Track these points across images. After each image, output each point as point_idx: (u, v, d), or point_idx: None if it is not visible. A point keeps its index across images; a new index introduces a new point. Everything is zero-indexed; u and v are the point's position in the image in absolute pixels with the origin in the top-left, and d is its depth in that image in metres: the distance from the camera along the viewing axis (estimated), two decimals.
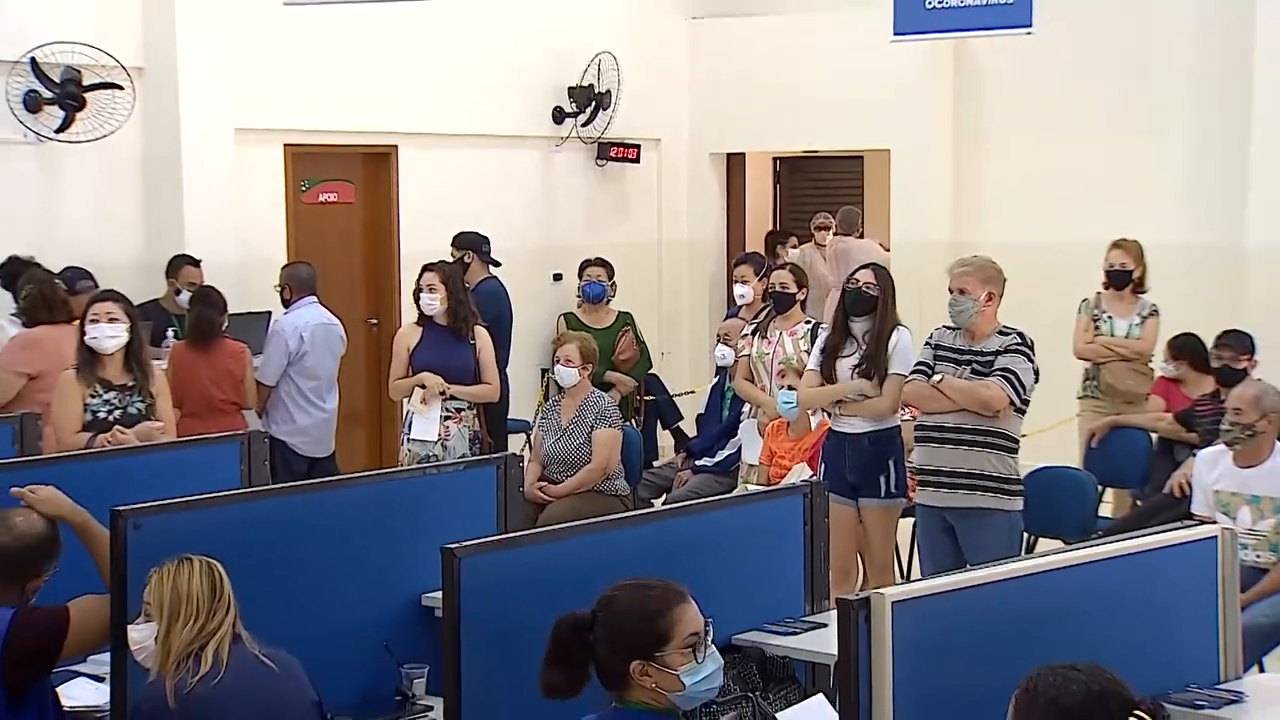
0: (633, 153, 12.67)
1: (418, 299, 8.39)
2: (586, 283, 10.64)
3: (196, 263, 9.41)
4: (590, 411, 8.15)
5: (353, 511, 5.02)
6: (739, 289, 9.10)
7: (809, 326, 8.00)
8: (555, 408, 8.33)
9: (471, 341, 8.37)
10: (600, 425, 8.12)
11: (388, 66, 10.96)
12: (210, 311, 8.51)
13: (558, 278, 12.00)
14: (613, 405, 8.45)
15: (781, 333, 8.03)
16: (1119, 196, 11.28)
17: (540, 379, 11.32)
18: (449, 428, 8.26)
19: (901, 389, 6.92)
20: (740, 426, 8.39)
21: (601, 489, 8.14)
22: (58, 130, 9.33)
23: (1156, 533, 4.48)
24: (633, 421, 9.85)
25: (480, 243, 9.92)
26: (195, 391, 8.35)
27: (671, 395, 10.91)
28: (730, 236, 13.64)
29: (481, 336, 8.43)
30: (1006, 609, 3.89)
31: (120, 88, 9.43)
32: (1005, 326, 6.75)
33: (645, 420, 10.42)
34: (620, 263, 10.98)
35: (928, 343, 6.89)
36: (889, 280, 7.18)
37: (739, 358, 8.31)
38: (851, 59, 12.11)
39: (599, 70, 12.17)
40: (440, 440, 8.21)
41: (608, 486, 8.17)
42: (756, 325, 8.26)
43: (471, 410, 8.36)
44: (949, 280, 6.79)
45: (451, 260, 9.44)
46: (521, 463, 5.76)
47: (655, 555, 4.52)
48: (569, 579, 4.26)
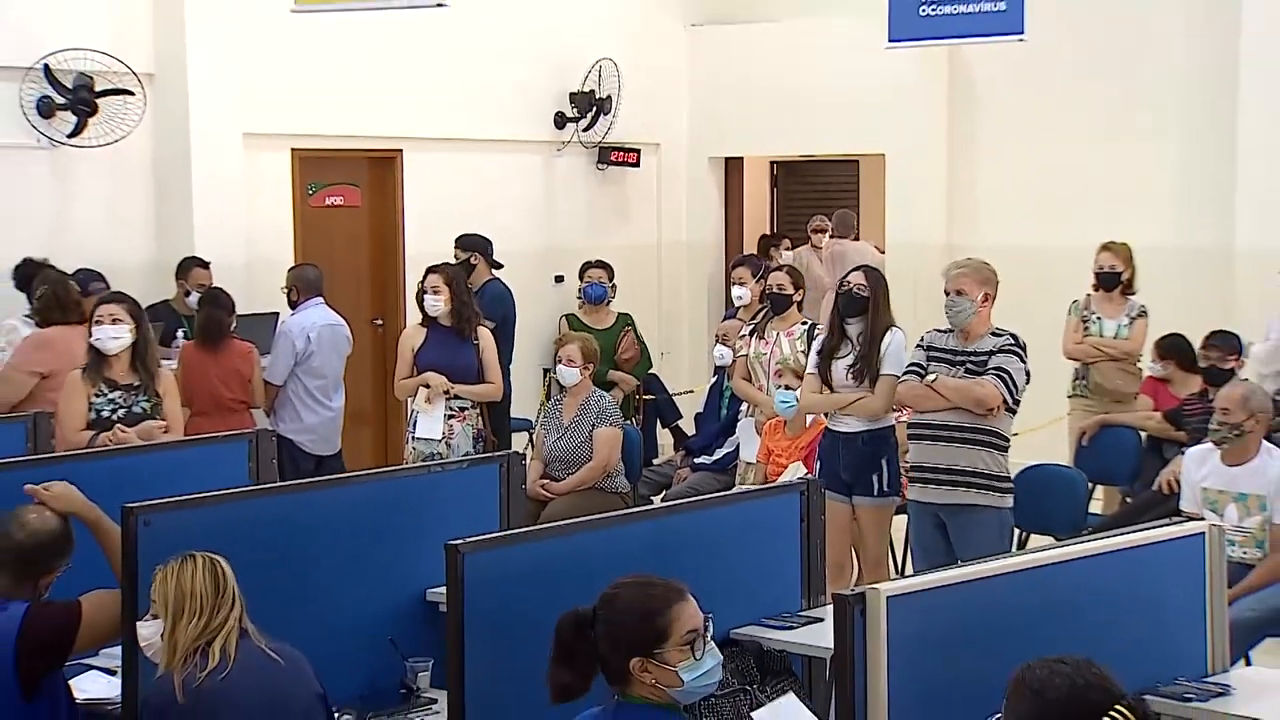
0: (633, 157, 12.67)
1: (422, 300, 8.40)
2: (588, 284, 10.63)
3: (206, 265, 9.42)
4: (591, 410, 8.15)
5: (359, 508, 5.02)
6: (737, 290, 9.10)
7: (805, 327, 8.00)
8: (557, 407, 8.33)
9: (475, 342, 8.37)
10: (601, 424, 8.12)
11: (393, 72, 10.96)
12: (219, 312, 8.51)
13: (559, 279, 12.00)
14: (613, 404, 8.45)
15: (778, 333, 8.03)
16: (1110, 199, 11.28)
17: (542, 379, 11.31)
18: (453, 426, 8.27)
19: (894, 389, 6.92)
20: (738, 425, 8.40)
21: (602, 486, 8.14)
22: (70, 135, 9.34)
23: (1146, 529, 4.48)
24: (633, 420, 9.84)
25: (485, 245, 9.93)
26: (204, 391, 8.36)
27: (671, 394, 10.91)
28: (728, 239, 13.64)
29: (484, 337, 8.44)
30: (1000, 604, 3.89)
31: (131, 93, 9.44)
32: (998, 328, 6.75)
33: (645, 419, 10.42)
34: (620, 264, 10.99)
35: (919, 345, 6.87)
36: (880, 281, 7.17)
37: (737, 358, 8.31)
38: (847, 65, 12.11)
39: (600, 76, 12.17)
40: (444, 439, 8.22)
41: (608, 484, 8.18)
42: (754, 326, 8.26)
43: (475, 409, 8.37)
44: (945, 282, 6.79)
45: (456, 261, 9.43)
46: (524, 461, 5.76)
47: (655, 551, 4.53)
48: (570, 574, 4.27)
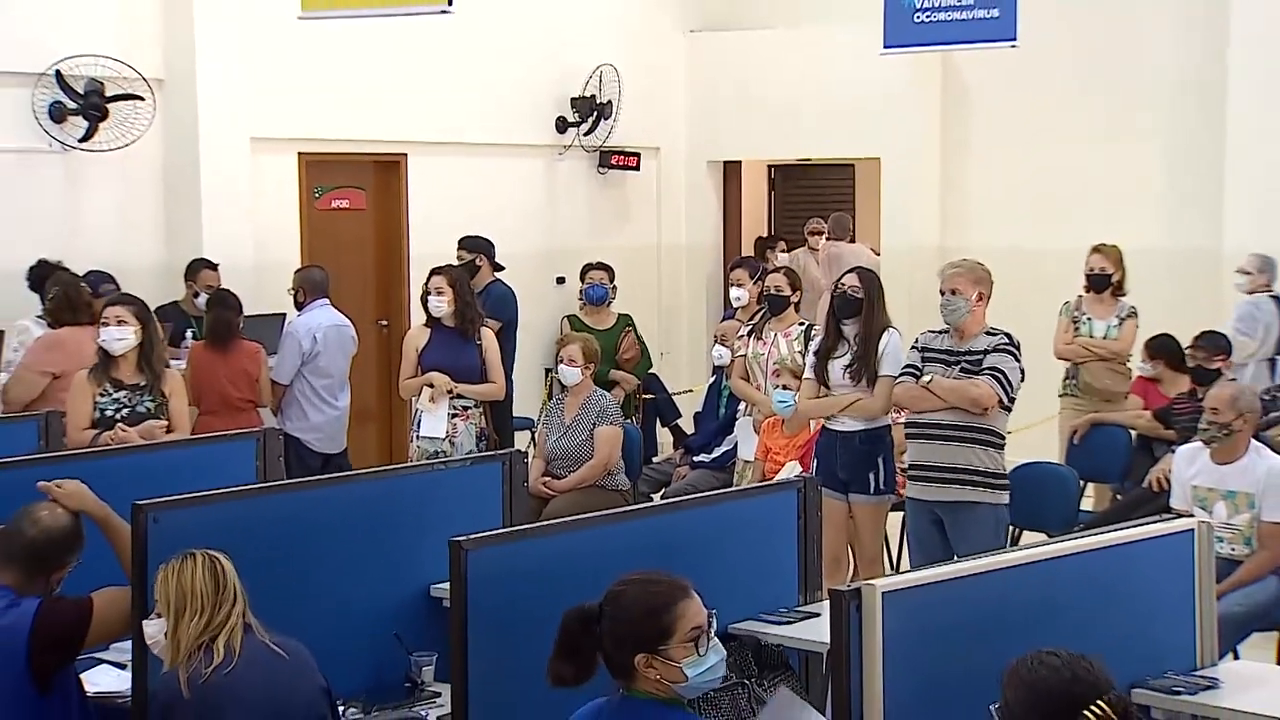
0: (633, 161, 12.66)
1: (426, 301, 8.39)
2: (589, 286, 10.63)
3: (214, 266, 9.42)
4: (592, 409, 8.14)
5: (364, 506, 5.02)
6: (735, 292, 9.09)
7: (802, 328, 7.98)
8: (559, 406, 8.33)
9: (478, 342, 8.37)
10: (602, 423, 8.11)
11: (398, 78, 10.96)
12: (228, 314, 8.50)
13: (561, 281, 11.99)
14: (614, 403, 8.45)
15: (776, 334, 8.02)
16: (1100, 202, 11.28)
17: (544, 378, 11.31)
18: (456, 425, 8.26)
19: (892, 389, 6.91)
20: (736, 424, 8.38)
21: (603, 484, 8.13)
22: (81, 140, 9.34)
23: (1136, 526, 4.48)
24: (633, 419, 9.84)
25: (488, 247, 9.92)
26: (213, 390, 8.35)
27: (670, 394, 10.90)
28: (727, 241, 13.63)
29: (487, 337, 8.44)
30: (993, 599, 3.89)
31: (141, 99, 9.44)
32: (993, 327, 6.74)
33: (645, 418, 10.41)
34: (621, 266, 10.98)
35: (914, 346, 6.85)
36: (875, 282, 7.15)
37: (735, 358, 8.29)
38: (843, 71, 12.12)
39: (600, 82, 12.17)
40: (448, 437, 8.21)
41: (609, 482, 8.17)
42: (752, 327, 8.25)
43: (478, 408, 8.36)
44: (940, 282, 6.78)
45: (460, 263, 9.43)
46: (526, 459, 5.77)
47: (654, 548, 4.52)
48: (572, 570, 4.27)
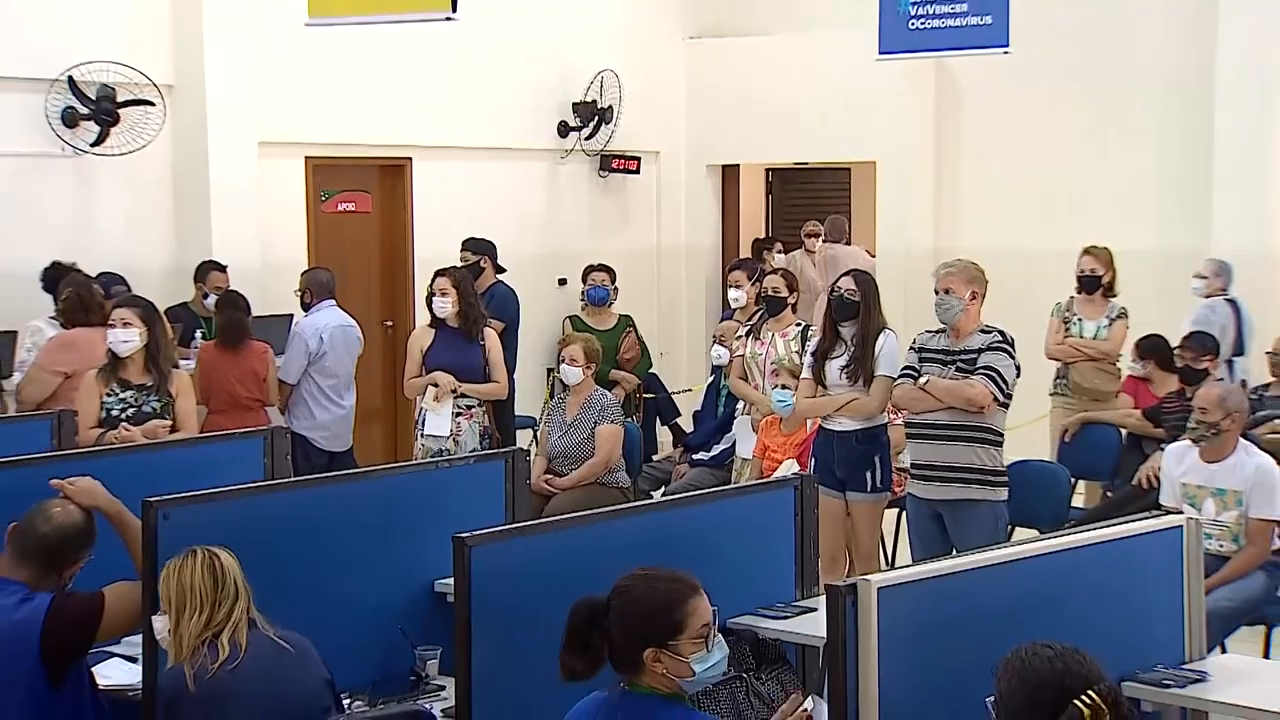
0: (633, 164, 12.67)
1: (430, 302, 8.39)
2: (590, 287, 10.62)
3: (223, 268, 9.42)
4: (593, 408, 8.14)
5: (370, 503, 5.02)
6: (733, 293, 9.08)
7: (799, 329, 7.99)
8: (560, 405, 8.33)
9: (481, 342, 8.37)
10: (603, 421, 8.11)
11: (403, 83, 10.96)
12: (241, 315, 8.51)
13: (562, 282, 11.99)
14: (615, 402, 8.44)
15: (774, 334, 8.02)
16: (1091, 205, 11.27)
17: (546, 378, 11.31)
18: (460, 424, 8.26)
19: (888, 389, 6.91)
20: (735, 423, 8.38)
21: (604, 481, 8.13)
22: (93, 144, 9.34)
23: (1126, 522, 4.48)
24: (633, 418, 9.83)
25: (491, 248, 9.92)
26: (222, 389, 8.36)
27: (670, 393, 10.89)
28: (725, 243, 13.63)
29: (490, 337, 8.44)
30: (985, 594, 3.89)
31: (151, 104, 9.44)
32: (987, 325, 6.73)
33: (645, 416, 10.41)
34: (621, 268, 10.98)
35: (911, 347, 6.85)
36: (870, 284, 7.15)
37: (734, 358, 8.29)
38: (839, 77, 12.12)
39: (601, 87, 12.17)
40: (452, 435, 8.22)
41: (609, 479, 8.17)
42: (750, 327, 8.25)
43: (481, 407, 8.36)
44: (935, 281, 6.78)
45: (464, 264, 9.43)
46: (528, 457, 5.76)
47: (654, 544, 4.52)
48: (573, 566, 4.28)
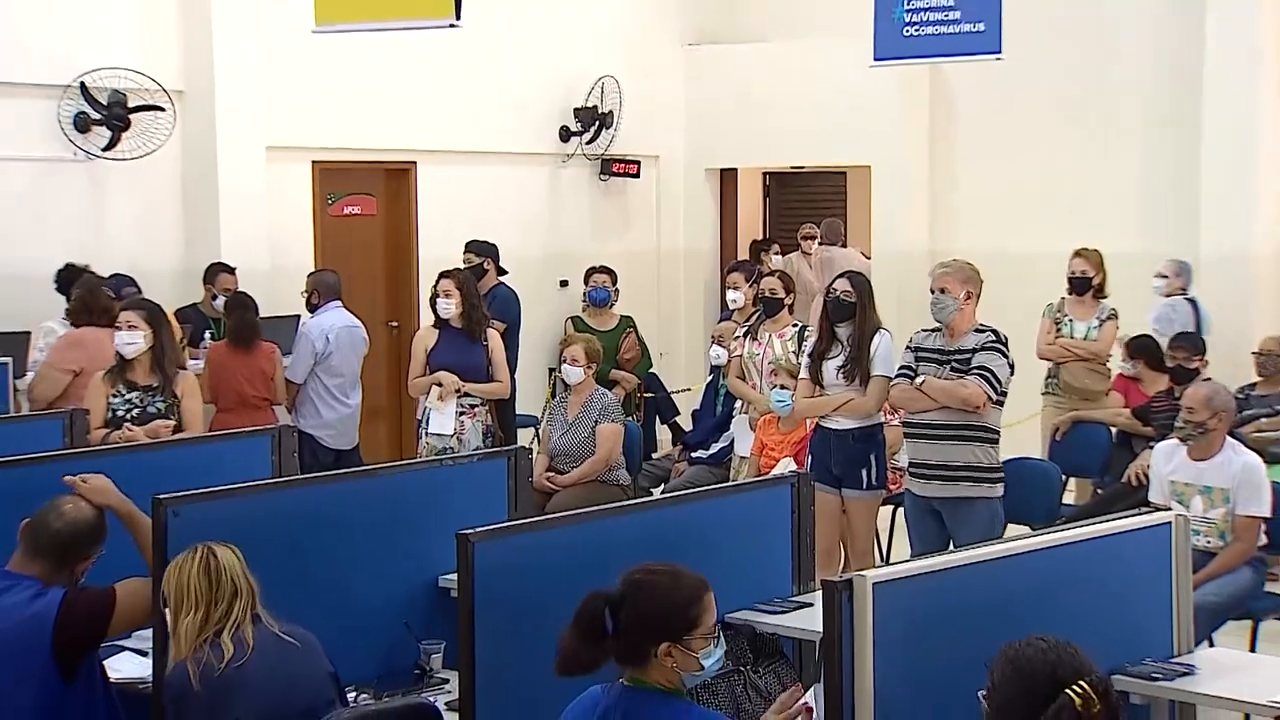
0: (633, 168, 12.66)
1: (434, 304, 8.40)
2: (592, 288, 10.62)
3: (231, 270, 9.43)
4: (594, 407, 8.14)
5: (375, 500, 5.02)
6: (731, 294, 9.08)
7: (796, 329, 7.99)
8: (562, 404, 8.32)
9: (484, 343, 8.37)
10: (603, 420, 8.11)
11: (407, 89, 10.97)
12: (251, 316, 8.52)
13: (564, 284, 11.99)
14: (615, 401, 8.44)
15: (771, 334, 8.02)
16: (1082, 208, 11.28)
17: (548, 377, 11.31)
18: (464, 422, 8.26)
19: (884, 389, 6.90)
20: (733, 421, 8.38)
21: (604, 479, 8.13)
22: (105, 149, 9.35)
23: (1116, 519, 4.48)
24: (633, 417, 9.83)
25: (494, 251, 9.93)
26: (231, 389, 8.37)
27: (669, 392, 10.89)
28: (723, 246, 13.63)
29: (493, 338, 8.44)
30: (978, 590, 3.89)
31: (162, 109, 9.45)
32: (981, 325, 6.72)
33: (645, 415, 10.40)
34: (621, 270, 10.97)
35: (908, 346, 6.83)
36: (865, 286, 7.14)
37: (732, 358, 8.29)
38: (834, 82, 12.11)
39: (602, 93, 12.17)
40: (456, 434, 8.22)
41: (610, 477, 8.16)
42: (748, 328, 8.25)
43: (484, 406, 8.37)
44: (931, 281, 6.77)
45: (468, 266, 9.43)
46: (531, 455, 5.76)
47: (654, 541, 4.52)
48: (574, 562, 4.28)
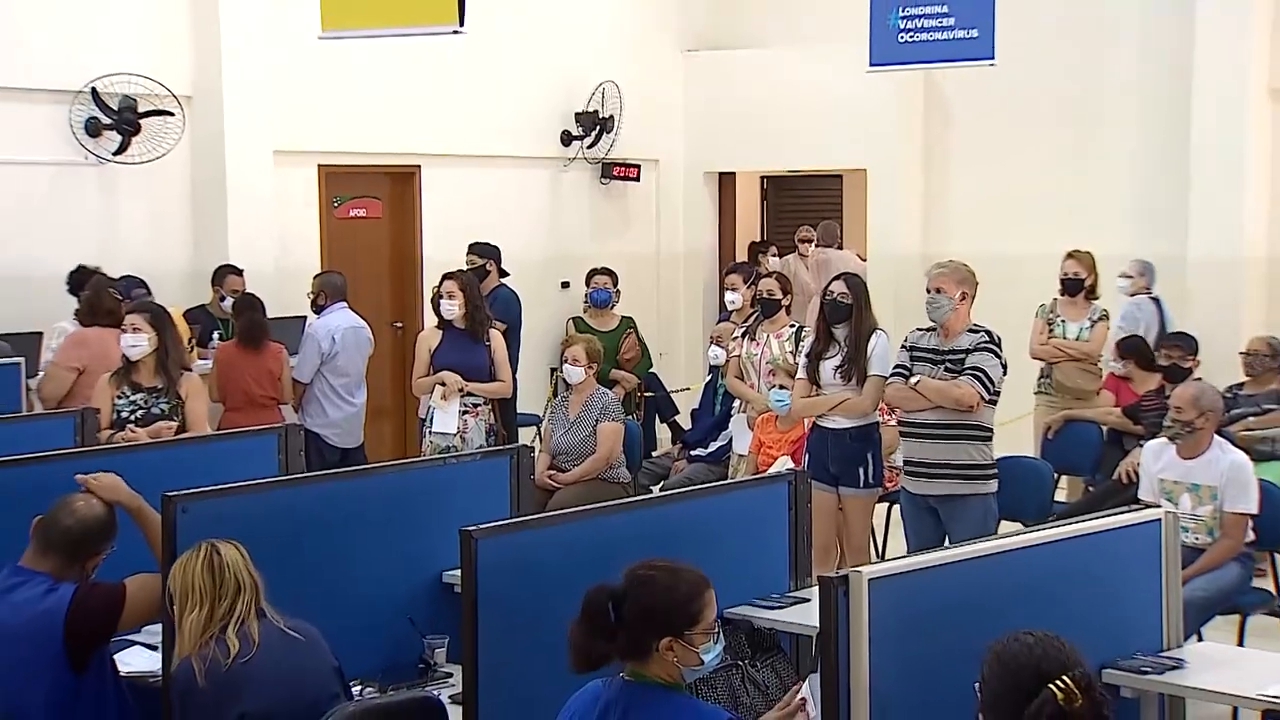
0: (633, 172, 12.66)
1: (438, 305, 8.40)
2: (594, 290, 10.61)
3: (239, 272, 9.43)
4: (595, 406, 8.14)
5: (380, 497, 5.02)
6: (730, 295, 9.08)
7: (793, 330, 8.00)
8: (563, 403, 8.33)
9: (487, 343, 8.37)
10: (604, 419, 8.11)
11: (412, 94, 10.97)
12: (260, 317, 8.52)
13: (565, 285, 11.99)
14: (616, 401, 8.44)
15: (769, 335, 8.03)
16: (1073, 211, 11.28)
17: (549, 377, 11.31)
18: (467, 421, 8.27)
19: (880, 389, 6.90)
20: (731, 420, 8.38)
21: (605, 477, 8.13)
22: (115, 153, 9.36)
23: (1106, 516, 4.49)
24: (633, 416, 9.83)
25: (496, 253, 9.93)
26: (238, 388, 8.37)
27: (669, 392, 10.88)
28: (722, 248, 13.63)
29: (496, 338, 8.44)
30: (972, 585, 3.90)
31: (171, 114, 9.45)
32: (975, 325, 6.72)
33: (645, 414, 10.40)
34: (621, 272, 10.97)
35: (903, 345, 6.83)
36: (861, 287, 7.14)
37: (730, 358, 8.30)
38: (831, 88, 12.11)
39: (603, 98, 12.17)
40: (459, 433, 8.22)
41: (611, 475, 8.17)
42: (746, 328, 8.25)
43: (487, 405, 8.37)
44: (927, 281, 6.77)
45: (471, 267, 9.43)
46: (532, 453, 5.75)
47: (654, 537, 4.51)
48: (575, 558, 4.28)
